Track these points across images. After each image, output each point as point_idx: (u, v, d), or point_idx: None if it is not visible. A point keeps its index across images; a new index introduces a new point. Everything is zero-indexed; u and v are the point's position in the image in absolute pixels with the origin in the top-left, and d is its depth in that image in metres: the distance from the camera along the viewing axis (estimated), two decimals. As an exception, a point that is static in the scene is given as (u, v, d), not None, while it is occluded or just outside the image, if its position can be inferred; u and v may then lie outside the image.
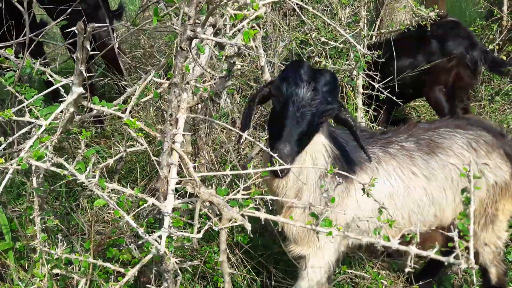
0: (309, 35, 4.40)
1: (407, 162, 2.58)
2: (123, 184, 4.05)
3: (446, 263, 3.37)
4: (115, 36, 3.88)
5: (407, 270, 1.85)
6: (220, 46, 2.97)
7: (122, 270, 2.09)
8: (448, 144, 2.66)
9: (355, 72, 4.29)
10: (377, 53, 3.87)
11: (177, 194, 2.39)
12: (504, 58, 5.02)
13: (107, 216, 3.88)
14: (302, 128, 2.16)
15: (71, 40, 3.45)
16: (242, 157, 4.44)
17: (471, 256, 1.72)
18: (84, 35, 2.00)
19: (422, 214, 2.60)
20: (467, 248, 1.78)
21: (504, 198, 2.76)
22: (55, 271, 2.45)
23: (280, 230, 2.53)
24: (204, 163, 3.83)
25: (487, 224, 2.79)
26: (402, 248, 1.87)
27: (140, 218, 3.33)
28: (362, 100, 4.50)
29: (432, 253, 1.81)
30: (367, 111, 4.51)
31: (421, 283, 3.33)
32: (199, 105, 3.56)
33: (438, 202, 2.61)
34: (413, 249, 1.82)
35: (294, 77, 2.19)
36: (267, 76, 3.56)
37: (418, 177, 2.57)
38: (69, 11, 2.76)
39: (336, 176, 2.08)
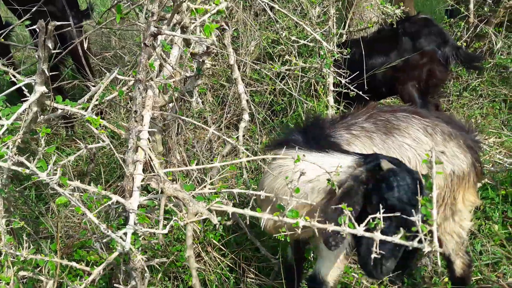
0: (279, 34, 4.43)
1: (368, 143, 2.64)
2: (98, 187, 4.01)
3: (417, 255, 3.46)
4: (83, 36, 3.84)
5: (372, 256, 1.88)
6: (187, 44, 2.97)
7: (87, 269, 2.07)
8: (404, 126, 2.71)
9: (324, 70, 4.34)
10: (346, 51, 3.92)
11: (150, 194, 2.38)
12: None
13: (78, 219, 3.84)
14: None
15: (35, 41, 3.43)
16: (215, 156, 4.44)
17: (435, 239, 1.75)
18: (46, 34, 1.99)
19: None
20: (430, 232, 1.81)
21: (463, 188, 2.80)
22: (22, 273, 2.41)
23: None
24: (176, 163, 3.82)
25: (447, 213, 2.83)
26: (367, 234, 1.90)
27: (111, 219, 3.30)
28: (334, 98, 4.54)
29: (396, 238, 1.85)
30: (338, 108, 4.56)
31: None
32: (170, 105, 3.55)
33: None
34: (378, 235, 1.85)
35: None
36: (237, 75, 3.57)
37: None
38: (33, 10, 2.72)
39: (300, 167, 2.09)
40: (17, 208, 3.86)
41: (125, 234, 1.96)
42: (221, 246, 3.42)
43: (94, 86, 4.38)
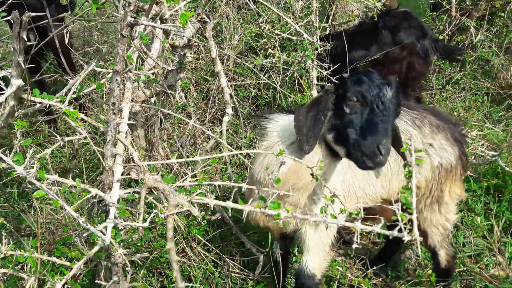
0: (262, 27, 4.41)
1: None
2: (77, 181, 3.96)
3: (400, 248, 3.47)
4: (60, 28, 3.78)
5: (354, 246, 1.88)
6: (167, 36, 2.94)
7: (68, 264, 2.04)
8: None
9: (308, 64, 4.33)
10: (328, 44, 3.91)
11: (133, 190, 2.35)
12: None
13: (60, 216, 3.79)
14: (391, 125, 2.20)
15: (10, 34, 3.36)
16: (199, 151, 4.42)
17: (415, 228, 1.76)
18: (21, 26, 1.95)
19: (372, 184, 2.66)
20: (410, 221, 1.82)
21: (450, 181, 2.82)
22: (2, 270, 2.37)
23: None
24: (159, 158, 3.78)
25: (433, 205, 2.85)
26: (348, 224, 1.90)
27: (94, 215, 3.26)
28: (318, 91, 4.54)
29: (377, 228, 1.85)
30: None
31: (375, 268, 3.40)
32: (152, 99, 3.52)
33: (383, 173, 2.66)
34: (358, 225, 1.85)
35: (373, 81, 2.22)
36: (219, 68, 3.54)
37: None
38: (9, 1, 2.67)
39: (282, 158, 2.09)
40: (-2, 205, 3.81)
41: (106, 228, 1.93)
42: (205, 242, 3.40)
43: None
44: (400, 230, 1.81)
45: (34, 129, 5.16)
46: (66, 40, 3.63)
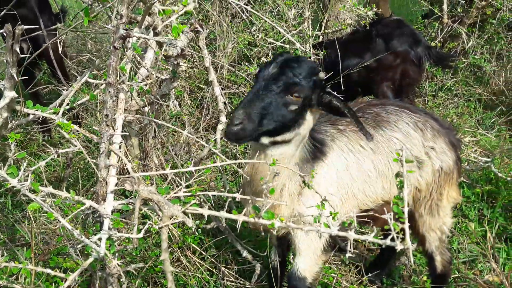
0: (255, 36, 4.44)
1: (355, 137, 2.64)
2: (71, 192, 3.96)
3: (395, 255, 3.47)
4: (55, 38, 3.79)
5: (347, 255, 1.89)
6: (160, 47, 2.95)
7: (63, 275, 2.04)
8: (394, 119, 2.72)
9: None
10: (321, 52, 3.94)
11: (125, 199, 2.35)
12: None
13: (54, 226, 3.78)
14: (265, 103, 2.18)
15: (3, 46, 3.37)
16: (194, 160, 4.42)
17: (407, 236, 1.77)
18: (13, 38, 1.96)
19: (372, 185, 2.66)
20: (402, 229, 1.83)
21: (448, 184, 2.84)
22: (-4, 282, 2.36)
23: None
24: (153, 167, 3.78)
25: (432, 209, 2.86)
26: (342, 233, 1.91)
27: (88, 226, 3.26)
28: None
29: (370, 237, 1.87)
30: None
31: (370, 275, 3.41)
32: (146, 109, 3.52)
33: (384, 174, 2.67)
34: (351, 234, 1.87)
35: (269, 62, 2.28)
36: (213, 77, 3.56)
37: (366, 150, 2.64)
38: (2, 13, 2.67)
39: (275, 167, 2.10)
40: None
41: (100, 239, 1.93)
42: (201, 251, 3.40)
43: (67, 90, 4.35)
44: (392, 239, 1.83)
45: (28, 138, 5.16)
46: (60, 50, 3.64)
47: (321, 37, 4.43)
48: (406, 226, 1.86)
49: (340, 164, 2.59)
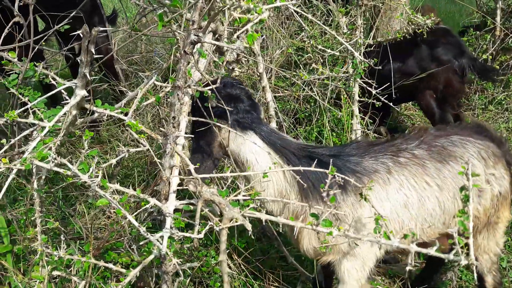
0: (306, 42, 4.45)
1: (420, 172, 2.54)
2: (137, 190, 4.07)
3: (441, 269, 3.41)
4: (112, 41, 3.91)
5: (407, 268, 1.88)
6: (220, 52, 3.00)
7: (123, 270, 2.11)
8: (460, 152, 2.62)
9: (350, 80, 4.36)
10: (373, 60, 3.92)
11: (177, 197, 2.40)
12: (497, 67, 5.11)
13: (104, 221, 3.89)
14: None
15: (70, 46, 3.50)
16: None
17: (471, 252, 1.75)
18: (89, 39, 2.04)
19: (433, 223, 2.58)
20: (466, 245, 1.81)
21: (504, 207, 2.79)
22: (55, 273, 2.46)
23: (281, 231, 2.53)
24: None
25: (489, 233, 2.81)
26: (403, 246, 1.90)
27: (138, 223, 3.33)
28: (358, 108, 4.54)
29: (432, 251, 1.85)
30: (363, 119, 4.56)
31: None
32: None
33: (448, 211, 2.59)
34: (413, 247, 1.85)
35: None
36: (265, 83, 3.60)
37: (431, 186, 2.54)
38: (72, 15, 2.78)
39: (336, 175, 2.07)
40: (45, 208, 3.93)
41: (162, 237, 1.98)
42: (246, 254, 3.43)
43: (127, 90, 4.48)
44: (456, 254, 1.81)
45: (78, 135, 5.32)
46: (114, 53, 3.76)
47: (372, 47, 4.40)
48: (471, 241, 1.84)
49: (398, 200, 2.51)
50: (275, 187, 2.38)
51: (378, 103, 4.10)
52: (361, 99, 4.34)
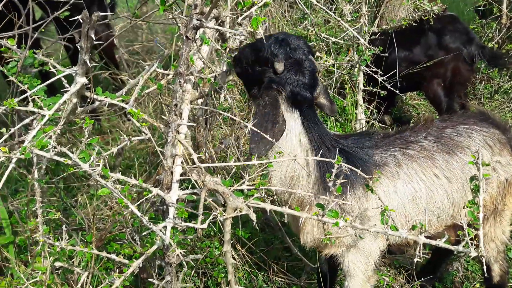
0: (310, 30, 4.38)
1: (429, 164, 2.50)
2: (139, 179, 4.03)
3: (447, 260, 3.37)
4: (113, 29, 3.85)
5: (415, 260, 1.84)
6: (223, 39, 2.95)
7: (126, 261, 2.07)
8: (466, 142, 2.59)
9: (354, 69, 4.30)
10: (378, 49, 3.85)
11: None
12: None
13: (106, 212, 3.86)
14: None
15: (69, 34, 3.43)
16: (242, 153, 4.42)
17: (481, 243, 1.71)
18: (89, 24, 1.98)
19: (440, 216, 2.55)
20: (475, 236, 1.77)
21: (511, 194, 2.75)
22: (57, 264, 2.42)
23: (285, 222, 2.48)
24: (204, 159, 3.80)
25: (495, 220, 2.77)
26: (411, 237, 1.86)
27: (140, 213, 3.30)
28: (364, 97, 4.48)
29: (441, 242, 1.81)
30: (368, 108, 4.50)
31: (422, 279, 3.32)
32: (200, 100, 3.54)
33: (457, 203, 2.56)
34: (421, 239, 1.81)
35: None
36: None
37: (440, 179, 2.51)
38: (71, 2, 2.72)
39: (342, 165, 2.02)
40: (46, 199, 3.90)
41: (165, 228, 1.94)
42: (250, 244, 3.40)
43: (128, 79, 4.41)
44: (466, 246, 1.77)
45: (79, 125, 5.27)
46: (116, 42, 3.69)
47: (377, 34, 4.31)
48: (481, 232, 1.80)
49: (406, 193, 2.47)
50: (288, 168, 2.29)
51: (383, 92, 4.04)
52: (366, 88, 4.29)
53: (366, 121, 4.49)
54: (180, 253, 2.03)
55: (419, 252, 1.86)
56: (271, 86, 2.17)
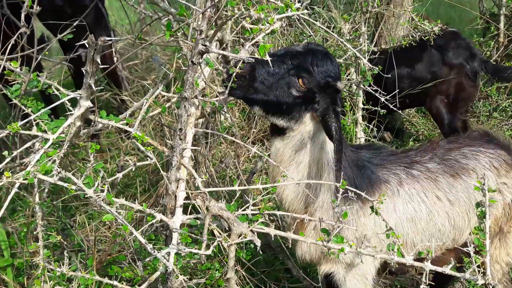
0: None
1: (431, 186, 2.50)
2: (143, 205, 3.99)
3: (451, 282, 3.34)
4: (117, 50, 3.86)
5: (422, 287, 1.82)
6: (225, 61, 2.95)
7: (128, 288, 2.04)
8: (472, 165, 2.58)
9: (354, 87, 4.31)
10: (378, 68, 3.86)
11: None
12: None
13: (105, 232, 3.82)
14: (272, 70, 2.10)
15: (71, 56, 3.43)
16: (241, 172, 4.41)
17: (488, 271, 1.70)
18: (95, 48, 1.98)
19: (441, 239, 2.54)
20: (482, 263, 1.76)
21: None
22: (56, 288, 2.39)
23: (290, 246, 2.46)
24: (204, 179, 3.77)
25: (501, 242, 2.76)
26: (417, 264, 1.84)
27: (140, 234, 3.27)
28: (363, 116, 4.48)
29: (447, 269, 1.79)
30: (368, 127, 4.51)
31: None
32: (200, 120, 3.53)
33: (459, 227, 2.55)
34: (428, 265, 1.80)
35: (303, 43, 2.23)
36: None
37: (442, 201, 2.50)
38: (75, 24, 2.73)
39: (349, 191, 2.01)
40: (44, 219, 3.86)
41: (168, 254, 1.92)
42: (249, 265, 3.36)
43: (130, 100, 4.40)
44: (473, 273, 1.75)
45: (81, 147, 5.24)
46: (115, 59, 3.69)
47: (377, 54, 4.34)
48: (487, 259, 1.79)
49: (405, 213, 2.46)
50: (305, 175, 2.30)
51: (382, 111, 4.04)
52: (366, 106, 4.29)
53: (365, 139, 4.49)
54: (184, 279, 2.00)
55: (425, 279, 1.84)
56: (336, 108, 2.18)
